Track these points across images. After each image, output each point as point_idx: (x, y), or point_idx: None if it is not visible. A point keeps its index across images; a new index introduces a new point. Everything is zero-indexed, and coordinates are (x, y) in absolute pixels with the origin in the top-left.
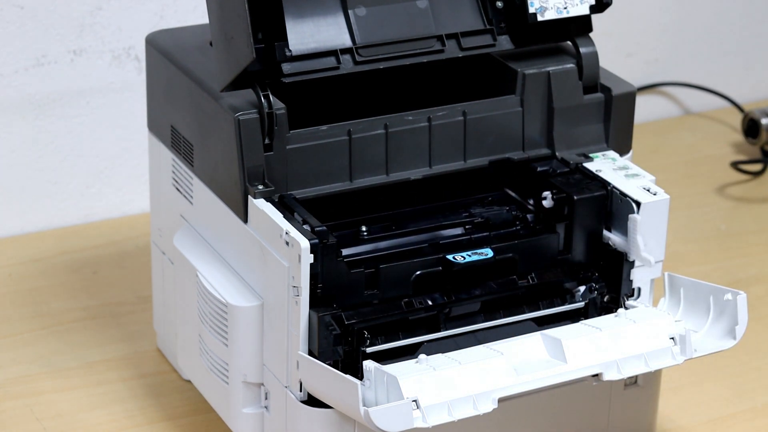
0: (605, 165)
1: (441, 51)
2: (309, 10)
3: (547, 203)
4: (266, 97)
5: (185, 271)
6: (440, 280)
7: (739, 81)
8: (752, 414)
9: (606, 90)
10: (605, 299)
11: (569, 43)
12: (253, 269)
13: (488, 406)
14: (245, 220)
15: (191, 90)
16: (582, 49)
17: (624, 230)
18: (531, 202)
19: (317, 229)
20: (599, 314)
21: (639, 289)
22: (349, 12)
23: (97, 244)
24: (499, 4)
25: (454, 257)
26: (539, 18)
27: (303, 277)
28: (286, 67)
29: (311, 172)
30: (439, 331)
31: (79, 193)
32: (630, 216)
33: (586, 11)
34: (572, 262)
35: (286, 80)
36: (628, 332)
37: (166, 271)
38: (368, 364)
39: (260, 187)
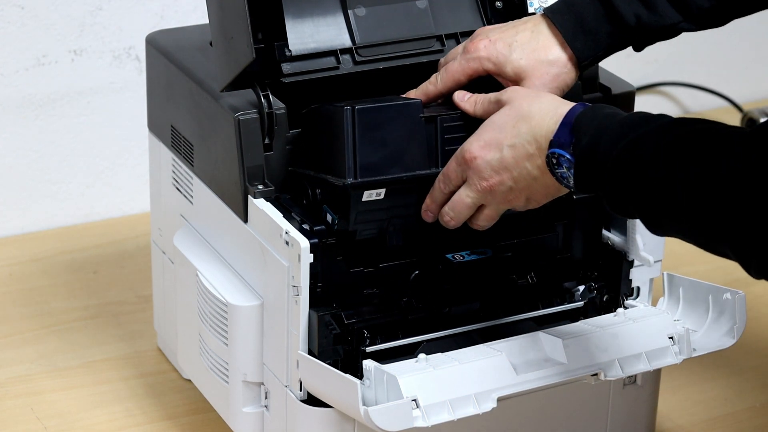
0: None
1: (441, 51)
2: (309, 10)
3: None
4: (266, 97)
5: (185, 271)
6: (440, 280)
7: (737, 81)
8: (751, 413)
9: (605, 90)
10: (604, 298)
11: None
12: (253, 269)
13: (488, 405)
14: (245, 219)
15: (191, 90)
16: None
17: (623, 230)
18: None
19: (317, 228)
20: (598, 313)
21: (638, 289)
22: (349, 12)
23: (97, 244)
24: (499, 4)
25: (453, 256)
26: None
27: (303, 277)
28: (286, 67)
29: None
30: (438, 330)
31: (80, 193)
32: None
33: None
34: (571, 261)
35: (286, 80)
36: (628, 331)
37: (166, 270)
38: (368, 364)
39: (260, 186)
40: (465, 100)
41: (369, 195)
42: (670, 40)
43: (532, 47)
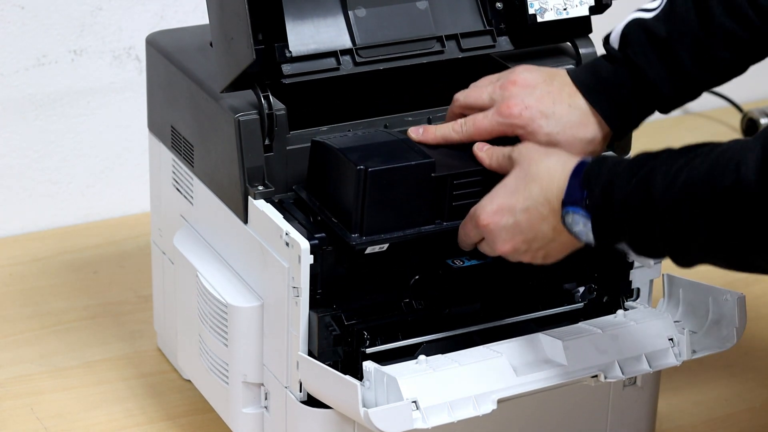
0: None
1: (441, 52)
2: (309, 10)
3: None
4: (266, 97)
5: (185, 271)
6: (440, 285)
7: (737, 81)
8: (751, 414)
9: None
10: (604, 300)
11: (569, 44)
12: (253, 270)
13: (488, 406)
14: (245, 220)
15: (191, 90)
16: (581, 50)
17: None
18: None
19: (317, 236)
20: (598, 315)
21: (638, 290)
22: (349, 13)
23: (97, 244)
24: (499, 5)
25: (453, 261)
26: (539, 19)
27: (303, 278)
28: (286, 68)
29: None
30: (438, 331)
31: (80, 193)
32: None
33: (585, 12)
34: (571, 262)
35: (286, 81)
36: (628, 333)
37: (166, 270)
38: (368, 365)
39: (260, 187)
40: (483, 150)
41: (372, 249)
42: None
43: (569, 122)
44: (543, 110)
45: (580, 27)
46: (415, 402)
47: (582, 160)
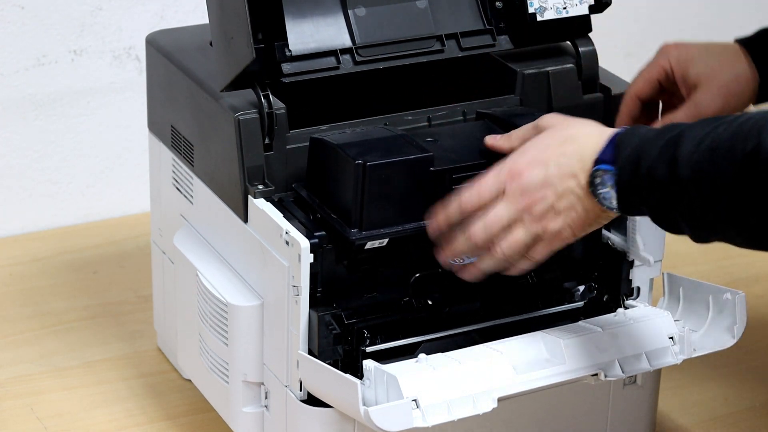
0: None
1: (441, 51)
2: (309, 10)
3: None
4: (266, 97)
5: (185, 271)
6: (439, 282)
7: None
8: (751, 413)
9: (605, 90)
10: (605, 299)
11: (569, 43)
12: (253, 269)
13: (488, 405)
14: (245, 219)
15: (191, 90)
16: (581, 49)
17: (623, 229)
18: None
19: (317, 234)
20: (599, 314)
21: (638, 289)
22: (349, 12)
23: (97, 244)
24: (499, 4)
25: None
26: (539, 18)
27: (303, 277)
28: (286, 67)
29: None
30: (438, 330)
31: (80, 193)
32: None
33: (585, 11)
34: (572, 261)
35: (286, 80)
36: (628, 332)
37: (166, 270)
38: (368, 364)
39: (260, 186)
40: (498, 139)
41: (372, 244)
42: (668, 39)
43: (718, 55)
44: (699, 45)
45: (579, 26)
46: (415, 400)
47: (618, 130)
